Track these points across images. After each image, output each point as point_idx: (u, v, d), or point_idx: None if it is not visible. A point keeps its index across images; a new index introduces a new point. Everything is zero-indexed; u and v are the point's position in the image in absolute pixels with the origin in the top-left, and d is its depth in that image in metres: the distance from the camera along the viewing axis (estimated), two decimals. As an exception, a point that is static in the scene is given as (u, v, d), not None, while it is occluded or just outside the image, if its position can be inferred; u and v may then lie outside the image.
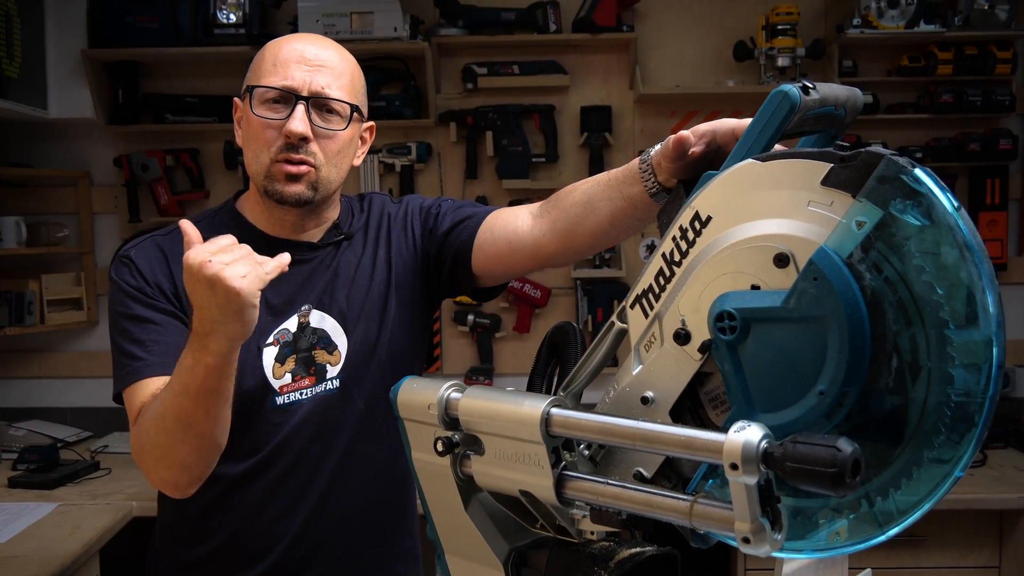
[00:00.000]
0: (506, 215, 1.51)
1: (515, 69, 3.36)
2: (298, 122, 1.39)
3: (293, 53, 1.43)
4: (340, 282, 1.53)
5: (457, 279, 1.56)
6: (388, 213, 1.61)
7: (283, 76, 1.41)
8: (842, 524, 0.79)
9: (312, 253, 1.53)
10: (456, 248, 1.53)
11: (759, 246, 0.77)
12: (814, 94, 0.84)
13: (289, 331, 1.48)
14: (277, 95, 1.41)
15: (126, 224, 3.43)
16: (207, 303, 1.18)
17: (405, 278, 1.57)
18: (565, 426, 0.83)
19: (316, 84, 1.42)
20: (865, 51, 3.37)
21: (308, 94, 1.41)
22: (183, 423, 1.27)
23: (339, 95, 1.44)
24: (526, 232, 1.45)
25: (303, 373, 1.48)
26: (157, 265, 1.46)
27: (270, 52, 1.44)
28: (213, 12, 3.20)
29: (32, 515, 2.55)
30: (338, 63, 1.46)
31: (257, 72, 1.44)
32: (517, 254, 1.47)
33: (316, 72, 1.42)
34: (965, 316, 0.69)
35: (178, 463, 1.33)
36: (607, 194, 1.31)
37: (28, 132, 3.41)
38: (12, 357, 3.46)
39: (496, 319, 3.46)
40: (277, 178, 1.42)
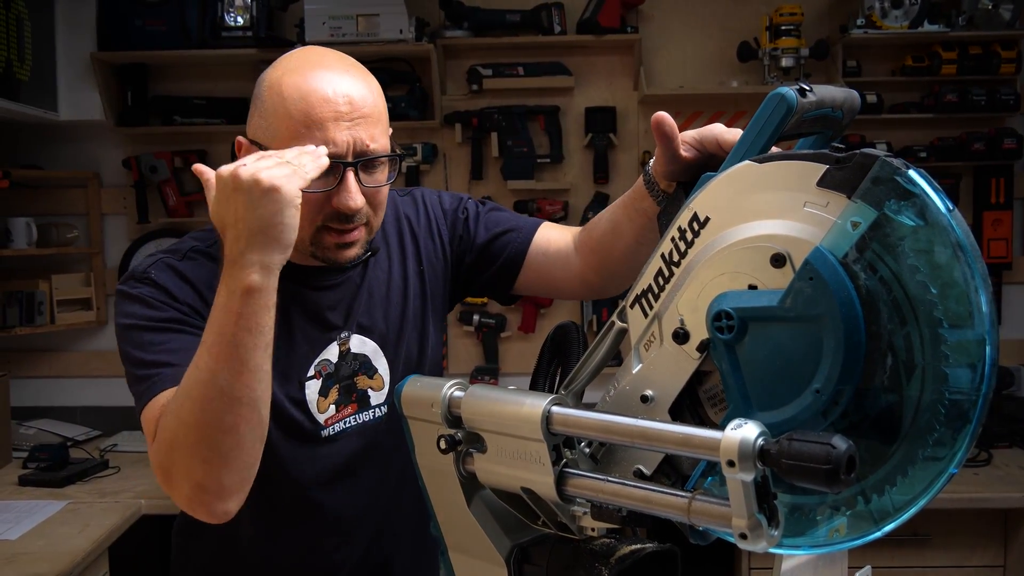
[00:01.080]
0: (556, 238, 1.47)
1: (520, 70, 3.38)
2: (355, 196, 1.24)
3: (326, 107, 1.22)
4: (375, 301, 1.43)
5: (495, 289, 1.53)
6: (405, 215, 1.50)
7: (323, 141, 1.21)
8: (841, 521, 0.81)
9: (341, 275, 1.40)
10: (503, 263, 1.48)
11: (756, 246, 0.79)
12: (811, 96, 0.85)
13: (330, 362, 1.38)
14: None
15: (135, 225, 3.45)
16: (243, 212, 1.07)
17: (436, 288, 1.50)
18: (566, 424, 0.84)
19: (360, 142, 1.24)
20: (869, 51, 3.37)
21: (354, 158, 1.24)
22: (218, 387, 1.09)
23: (383, 144, 1.29)
24: (574, 261, 1.44)
25: (345, 401, 1.40)
26: (184, 286, 1.30)
27: (295, 106, 1.22)
28: (221, 15, 3.22)
29: (42, 513, 2.57)
30: (372, 102, 1.27)
31: (283, 131, 1.23)
32: (566, 282, 1.46)
33: (356, 127, 1.24)
34: (959, 315, 0.70)
35: (220, 449, 1.11)
36: (627, 214, 1.30)
37: (38, 134, 3.43)
38: (23, 357, 3.49)
39: (501, 319, 3.47)
40: (328, 246, 1.29)
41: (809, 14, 3.31)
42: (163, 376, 1.21)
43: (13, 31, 2.96)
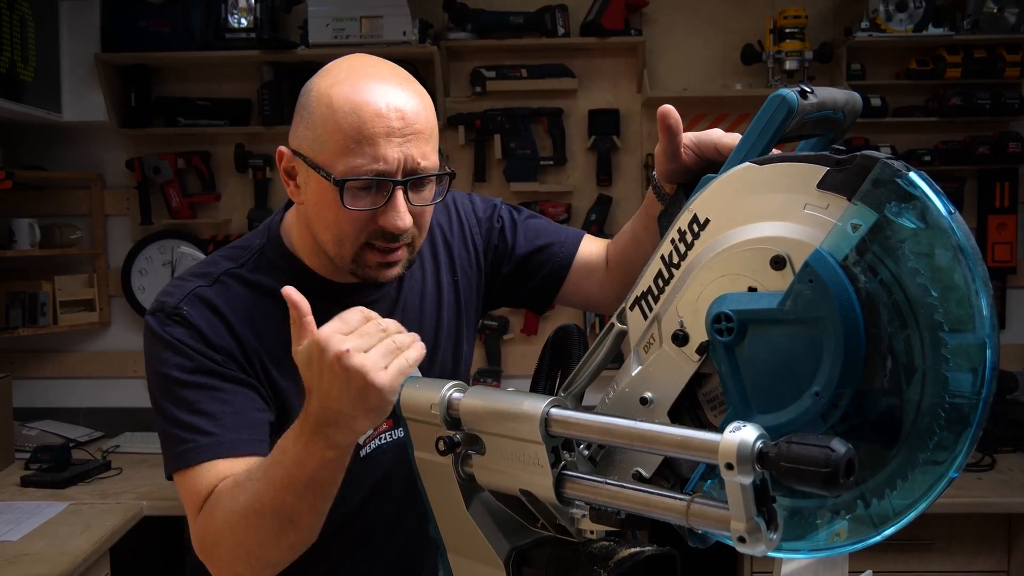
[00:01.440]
0: (596, 253, 1.46)
1: (523, 72, 3.38)
2: (403, 216, 1.19)
3: (379, 123, 1.17)
4: (409, 314, 1.39)
5: (535, 301, 1.52)
6: (439, 225, 1.45)
7: (373, 157, 1.17)
8: (842, 525, 0.80)
9: (378, 292, 1.35)
10: (544, 276, 1.46)
11: (756, 248, 0.78)
12: (812, 98, 0.85)
13: None
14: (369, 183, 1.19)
15: (138, 226, 3.45)
16: (337, 395, 1.00)
17: (470, 298, 1.47)
18: (564, 426, 0.84)
19: (412, 161, 1.19)
20: (873, 54, 3.37)
21: (404, 176, 1.19)
22: (283, 519, 1.09)
23: (434, 162, 1.23)
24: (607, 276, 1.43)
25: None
26: (218, 324, 1.25)
27: (347, 119, 1.17)
28: (224, 16, 3.23)
29: (44, 514, 2.57)
30: (425, 118, 1.22)
31: (332, 144, 1.18)
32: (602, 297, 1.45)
33: (408, 143, 1.18)
34: (959, 318, 0.70)
35: (266, 560, 1.14)
36: (644, 223, 1.30)
37: (42, 135, 3.44)
38: (26, 357, 3.49)
39: (504, 321, 3.47)
40: (370, 265, 1.25)
41: (813, 17, 3.30)
42: (198, 446, 1.19)
43: (17, 32, 2.97)
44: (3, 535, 2.39)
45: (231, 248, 1.36)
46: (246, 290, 1.29)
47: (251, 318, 1.28)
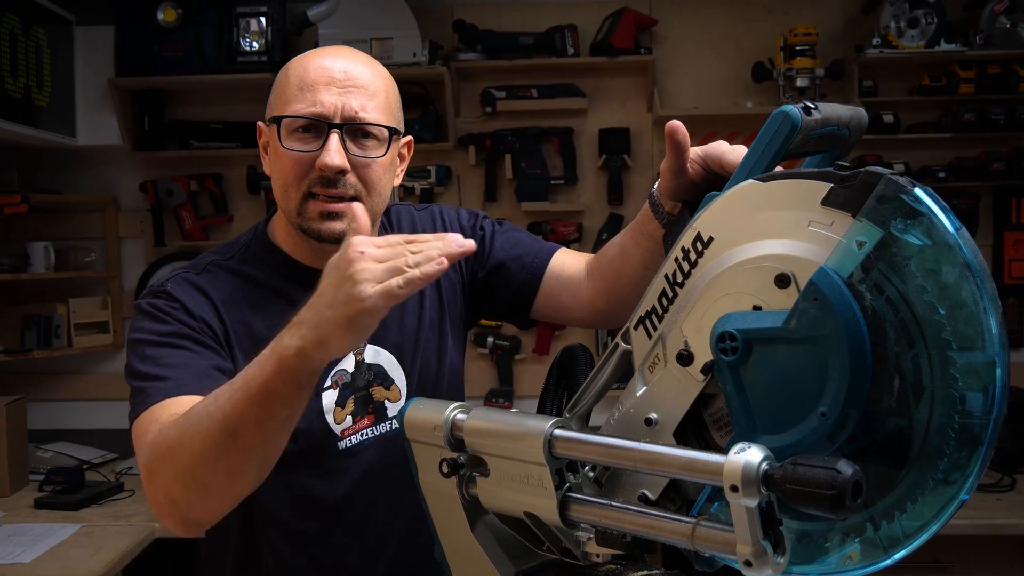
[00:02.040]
0: (571, 264, 1.46)
1: (533, 92, 3.38)
2: (333, 154, 1.24)
3: (321, 73, 1.26)
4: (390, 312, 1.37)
5: (510, 313, 1.52)
6: (423, 229, 1.50)
7: (311, 101, 1.25)
8: (854, 548, 0.78)
9: None
10: (517, 286, 1.47)
11: (760, 266, 0.77)
12: (816, 114, 0.84)
13: (347, 371, 1.37)
14: (307, 123, 1.26)
15: (152, 248, 3.47)
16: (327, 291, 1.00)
17: (454, 300, 1.50)
18: (568, 447, 0.83)
19: (349, 108, 1.25)
20: (885, 71, 3.36)
21: (341, 120, 1.25)
22: (228, 428, 1.05)
23: (375, 117, 1.28)
24: (585, 288, 1.43)
25: (362, 413, 1.38)
26: (201, 302, 1.30)
27: (295, 73, 1.28)
28: (236, 40, 3.26)
29: (56, 536, 2.57)
30: (370, 79, 1.29)
31: (282, 97, 1.28)
32: (577, 309, 1.45)
33: (348, 94, 1.26)
34: (968, 337, 0.68)
35: (199, 482, 1.09)
36: (634, 239, 1.29)
37: (57, 159, 3.47)
38: (40, 379, 3.51)
39: (516, 341, 3.46)
40: (312, 216, 1.28)
41: (824, 34, 3.30)
42: (156, 389, 1.18)
43: (32, 58, 3.00)
44: (15, 557, 2.39)
45: (219, 247, 1.43)
46: (232, 278, 1.35)
47: (235, 303, 1.32)
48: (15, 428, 3.04)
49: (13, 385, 3.45)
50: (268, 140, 1.33)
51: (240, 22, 3.27)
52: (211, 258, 1.38)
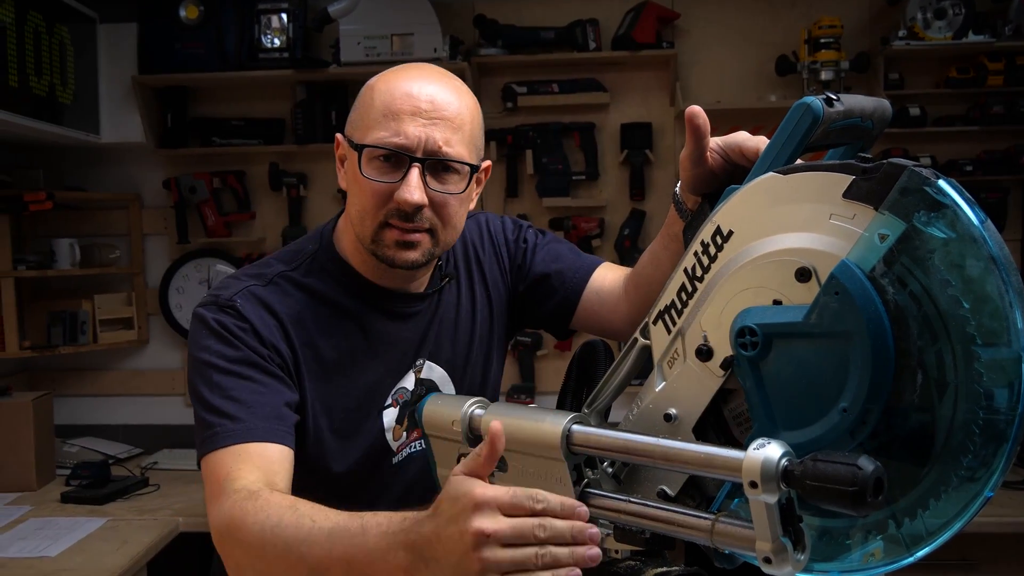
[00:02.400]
0: (612, 279, 1.45)
1: (555, 87, 3.37)
2: (413, 190, 1.22)
3: (407, 101, 1.22)
4: (444, 328, 1.41)
5: (550, 325, 1.52)
6: (472, 242, 1.49)
7: (395, 131, 1.21)
8: (877, 545, 0.77)
9: (421, 304, 1.39)
10: (559, 300, 1.46)
11: (780, 260, 0.76)
12: (838, 106, 0.83)
13: (407, 389, 1.38)
14: (388, 154, 1.23)
15: (175, 245, 3.49)
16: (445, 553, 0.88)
17: (501, 313, 1.50)
18: (586, 443, 0.82)
19: (433, 142, 1.22)
20: (912, 63, 3.32)
21: (424, 155, 1.22)
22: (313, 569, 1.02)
23: (459, 152, 1.24)
24: (623, 301, 1.42)
25: (413, 426, 1.38)
26: (270, 323, 1.27)
27: (380, 97, 1.24)
28: (258, 37, 3.26)
29: (82, 530, 2.59)
30: (457, 111, 1.25)
31: (365, 120, 1.25)
32: (615, 322, 1.43)
33: (433, 126, 1.22)
34: (993, 332, 0.67)
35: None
36: (663, 243, 1.28)
37: (82, 156, 3.50)
38: (66, 375, 3.54)
39: (538, 337, 3.45)
40: (388, 244, 1.26)
41: (849, 26, 3.26)
42: (225, 431, 1.16)
43: (56, 56, 3.02)
44: (42, 551, 2.41)
45: (284, 252, 1.38)
46: (299, 292, 1.32)
47: (302, 322, 1.30)
48: (42, 423, 3.07)
49: (40, 381, 3.49)
50: (345, 154, 1.31)
51: (261, 19, 3.27)
52: (278, 268, 1.33)
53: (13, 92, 2.75)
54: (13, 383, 3.22)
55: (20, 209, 3.10)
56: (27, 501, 2.88)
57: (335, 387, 1.29)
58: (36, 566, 2.32)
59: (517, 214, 3.43)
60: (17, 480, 2.99)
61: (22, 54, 2.80)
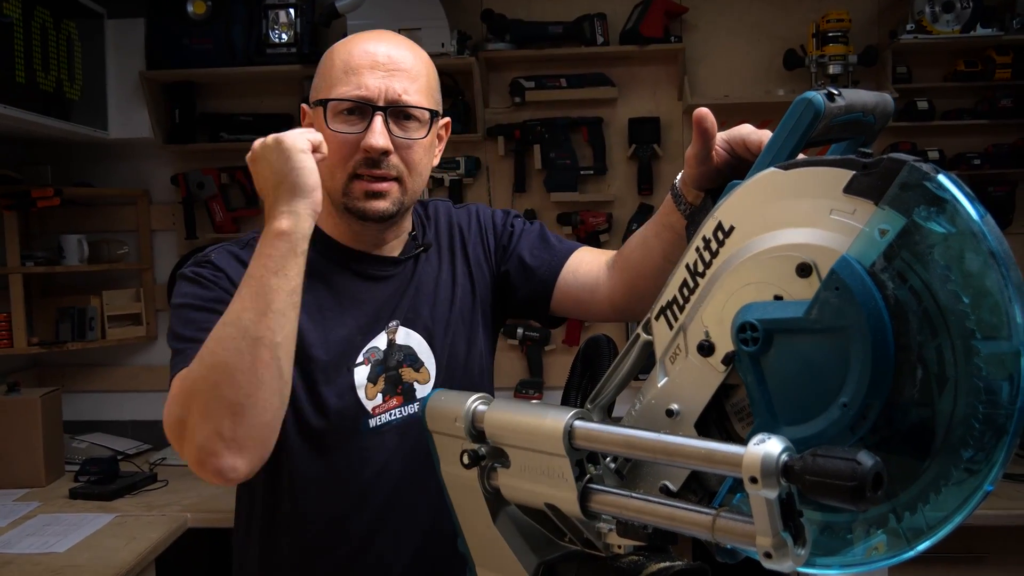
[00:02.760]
0: (589, 260, 1.48)
1: (563, 82, 3.37)
2: (378, 136, 1.30)
3: (365, 57, 1.32)
4: (423, 296, 1.47)
5: (531, 310, 1.54)
6: (458, 223, 1.56)
7: (356, 85, 1.31)
8: (880, 539, 0.77)
9: (394, 268, 1.46)
10: (536, 283, 1.50)
11: (781, 256, 0.76)
12: (840, 100, 0.83)
13: (379, 349, 1.41)
14: (352, 106, 1.32)
15: (183, 241, 3.50)
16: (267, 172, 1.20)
17: (485, 292, 1.53)
18: (588, 439, 0.82)
19: (392, 91, 1.31)
20: (920, 57, 3.31)
21: (385, 103, 1.31)
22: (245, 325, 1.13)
23: (417, 100, 1.34)
24: (604, 282, 1.43)
25: (391, 392, 1.41)
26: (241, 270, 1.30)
27: (340, 57, 1.34)
28: (266, 32, 3.27)
29: (91, 525, 2.61)
30: (412, 63, 1.35)
31: (327, 80, 1.34)
32: (595, 304, 1.45)
33: (391, 77, 1.32)
34: (992, 326, 0.67)
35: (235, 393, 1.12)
36: (655, 230, 1.29)
37: (90, 152, 3.51)
38: (75, 371, 3.56)
39: (545, 332, 3.45)
40: (357, 195, 1.34)
41: (857, 20, 3.25)
42: (194, 351, 1.19)
43: (64, 52, 3.03)
44: (50, 547, 2.43)
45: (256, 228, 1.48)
46: None
47: None
48: (50, 419, 3.09)
49: (48, 377, 3.51)
50: (312, 122, 1.38)
51: (269, 14, 3.29)
52: (253, 235, 1.39)
53: (21, 88, 2.77)
54: (22, 379, 3.24)
55: (28, 205, 3.12)
56: (36, 497, 2.91)
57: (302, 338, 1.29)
58: (44, 562, 2.34)
59: (525, 209, 3.43)
60: (26, 476, 3.02)
61: (29, 50, 2.81)
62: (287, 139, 1.19)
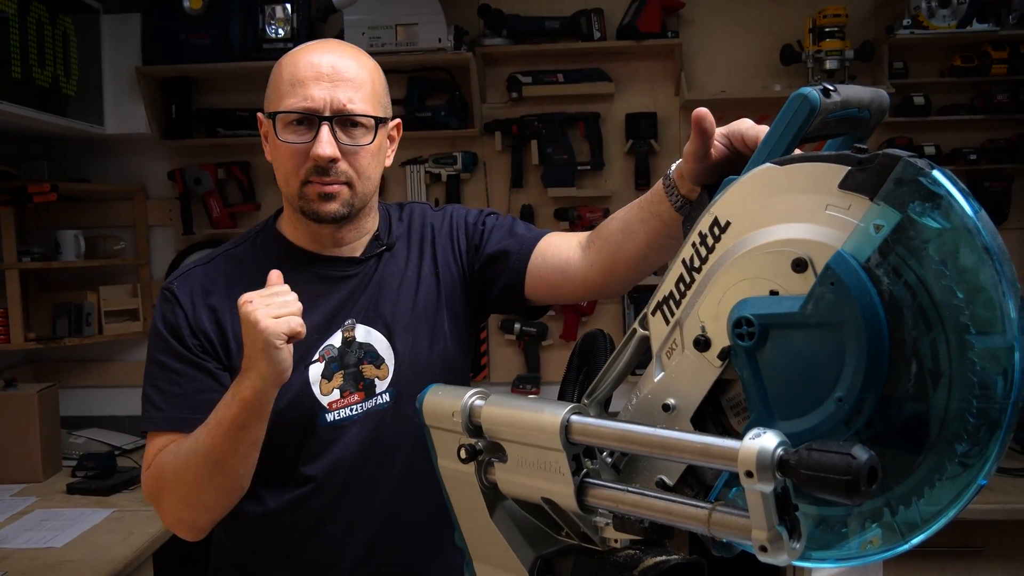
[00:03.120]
0: (558, 243, 1.49)
1: (560, 77, 3.37)
2: (325, 145, 1.37)
3: (309, 69, 1.38)
4: (384, 294, 1.50)
5: (508, 301, 1.55)
6: (431, 224, 1.59)
7: (303, 97, 1.37)
8: (875, 533, 0.78)
9: (355, 268, 1.51)
10: (508, 273, 1.51)
11: (777, 251, 0.76)
12: (835, 96, 0.83)
13: (334, 347, 1.46)
14: (299, 117, 1.38)
15: (180, 236, 3.51)
16: (247, 341, 1.26)
17: (453, 290, 1.55)
18: (584, 433, 0.82)
19: (337, 101, 1.37)
20: (916, 52, 3.31)
21: (331, 113, 1.38)
22: (213, 460, 1.31)
23: (362, 108, 1.40)
24: (576, 262, 1.44)
25: (352, 389, 1.46)
26: (200, 302, 1.45)
27: (286, 70, 1.41)
28: (262, 27, 3.27)
29: (88, 521, 2.61)
30: (356, 72, 1.41)
31: (276, 92, 1.41)
32: (567, 284, 1.46)
33: (336, 88, 1.38)
34: (986, 321, 0.67)
35: (202, 503, 1.36)
36: (640, 217, 1.29)
37: (86, 148, 3.51)
38: (72, 367, 3.56)
39: (543, 327, 3.46)
40: (311, 198, 1.41)
41: (854, 15, 3.25)
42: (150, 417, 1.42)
43: (60, 47, 3.03)
44: (47, 542, 2.43)
45: (240, 235, 1.57)
46: (233, 266, 1.49)
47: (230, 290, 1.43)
48: (47, 414, 3.09)
49: (45, 372, 3.51)
50: (267, 131, 1.45)
51: (266, 9, 3.28)
52: (224, 249, 1.52)
53: (17, 83, 2.76)
54: (19, 375, 3.24)
55: (24, 201, 3.12)
56: (33, 492, 2.91)
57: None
58: (42, 557, 2.34)
59: (522, 204, 3.43)
60: (23, 471, 3.02)
61: (25, 45, 2.81)
62: (266, 331, 1.23)
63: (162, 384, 1.42)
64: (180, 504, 1.38)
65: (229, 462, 1.31)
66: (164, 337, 1.44)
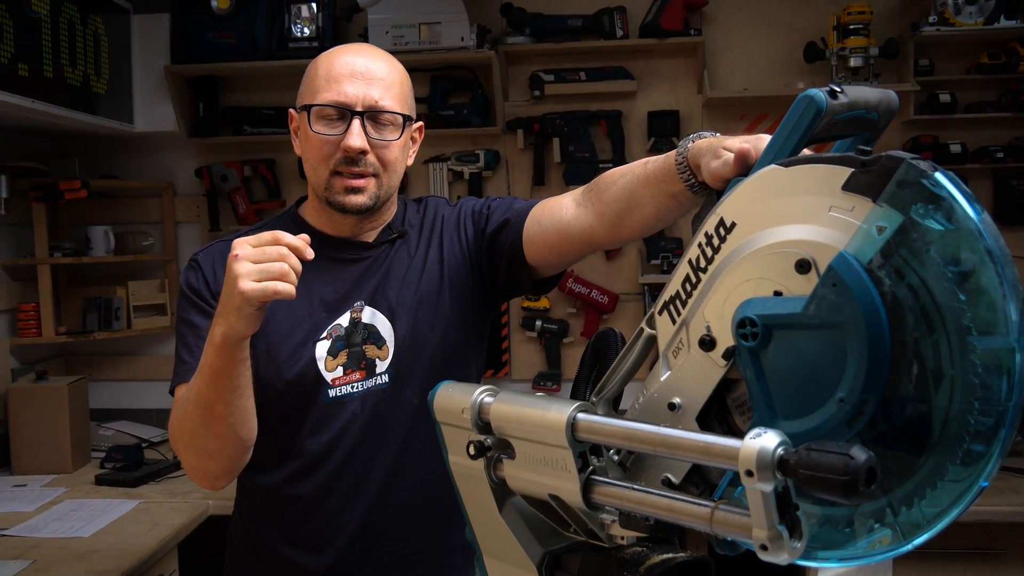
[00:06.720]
0: (551, 205, 1.52)
1: (582, 75, 3.37)
2: (356, 138, 1.46)
3: (344, 67, 1.49)
4: (392, 279, 1.58)
5: (515, 275, 1.57)
6: (442, 215, 1.66)
7: (337, 92, 1.47)
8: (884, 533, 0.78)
9: (367, 252, 1.59)
10: (508, 244, 1.55)
11: (781, 252, 0.77)
12: (842, 98, 0.84)
13: (342, 326, 1.54)
14: (333, 111, 1.48)
15: (207, 232, 3.54)
16: (225, 290, 1.31)
17: (458, 277, 1.60)
18: (590, 431, 0.83)
19: (370, 98, 1.48)
20: (942, 49, 3.28)
21: (363, 108, 1.47)
22: (202, 405, 1.37)
23: (392, 106, 1.50)
24: (573, 220, 1.46)
25: (354, 367, 1.53)
26: (220, 270, 1.51)
27: (322, 67, 1.51)
28: (288, 27, 3.30)
29: (115, 511, 2.66)
30: (387, 73, 1.52)
31: (311, 88, 1.51)
32: (568, 243, 1.48)
33: (368, 85, 1.48)
34: (988, 322, 0.68)
35: (204, 450, 1.43)
36: (649, 191, 1.30)
37: (115, 145, 3.56)
38: (101, 360, 3.61)
39: (564, 325, 3.46)
40: (338, 190, 1.50)
41: (879, 12, 3.23)
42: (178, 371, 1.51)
43: (91, 47, 3.08)
44: (75, 531, 2.48)
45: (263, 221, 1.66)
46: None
47: None
48: (77, 407, 3.14)
49: (75, 365, 3.56)
50: (299, 125, 1.55)
51: (291, 8, 3.31)
52: (246, 230, 1.54)
53: (48, 83, 2.81)
54: (50, 368, 3.30)
55: (56, 198, 3.18)
56: (62, 483, 2.96)
57: (271, 313, 1.45)
58: (70, 546, 2.39)
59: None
60: (53, 462, 3.07)
61: (57, 45, 2.85)
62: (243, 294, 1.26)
63: (188, 340, 1.51)
64: (188, 451, 1.45)
65: (216, 407, 1.36)
66: (188, 297, 1.54)
